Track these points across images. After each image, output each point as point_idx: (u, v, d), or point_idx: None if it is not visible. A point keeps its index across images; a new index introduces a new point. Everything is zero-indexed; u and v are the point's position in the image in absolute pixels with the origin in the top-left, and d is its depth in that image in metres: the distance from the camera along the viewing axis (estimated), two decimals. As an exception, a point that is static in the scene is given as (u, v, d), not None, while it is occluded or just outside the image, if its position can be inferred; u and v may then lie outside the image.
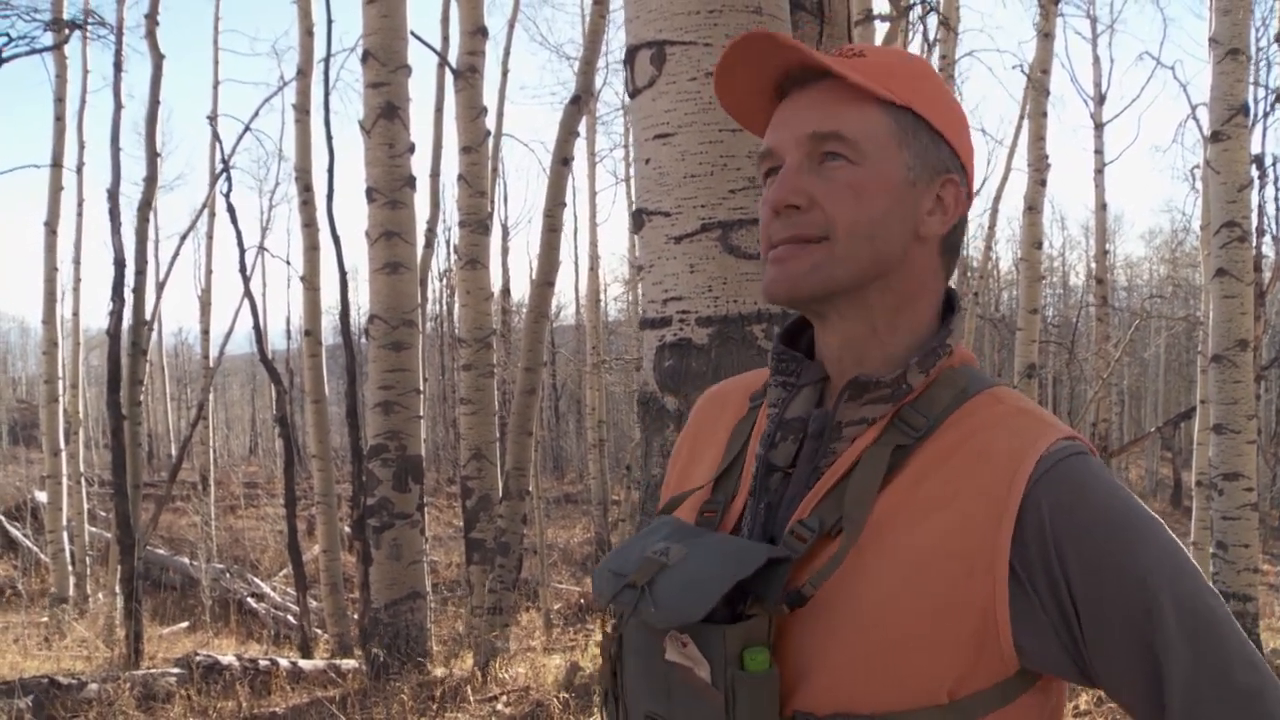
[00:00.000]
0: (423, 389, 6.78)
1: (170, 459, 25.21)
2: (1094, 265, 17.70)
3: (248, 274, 9.86)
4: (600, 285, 18.85)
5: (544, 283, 7.87)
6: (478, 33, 7.94)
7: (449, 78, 9.99)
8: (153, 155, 9.23)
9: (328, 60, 8.97)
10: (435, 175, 12.33)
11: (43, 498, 13.79)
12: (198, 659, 6.46)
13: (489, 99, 8.71)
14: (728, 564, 0.92)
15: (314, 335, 10.19)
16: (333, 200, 8.58)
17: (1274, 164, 10.84)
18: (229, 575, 13.17)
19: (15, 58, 8.31)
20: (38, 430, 24.11)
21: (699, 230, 2.15)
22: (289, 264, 24.18)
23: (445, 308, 25.13)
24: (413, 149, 6.73)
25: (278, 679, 6.47)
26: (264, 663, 6.70)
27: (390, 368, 6.54)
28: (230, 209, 9.45)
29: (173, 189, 29.80)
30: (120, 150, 8.85)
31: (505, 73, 14.90)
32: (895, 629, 0.90)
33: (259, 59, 56.03)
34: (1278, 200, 12.35)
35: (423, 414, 6.74)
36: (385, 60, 6.52)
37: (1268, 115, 11.31)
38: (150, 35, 8.98)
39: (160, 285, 13.02)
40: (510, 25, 14.78)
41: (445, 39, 12.13)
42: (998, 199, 15.32)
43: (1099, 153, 15.80)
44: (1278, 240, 10.65)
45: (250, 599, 12.69)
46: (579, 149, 12.48)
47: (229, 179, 9.54)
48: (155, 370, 25.83)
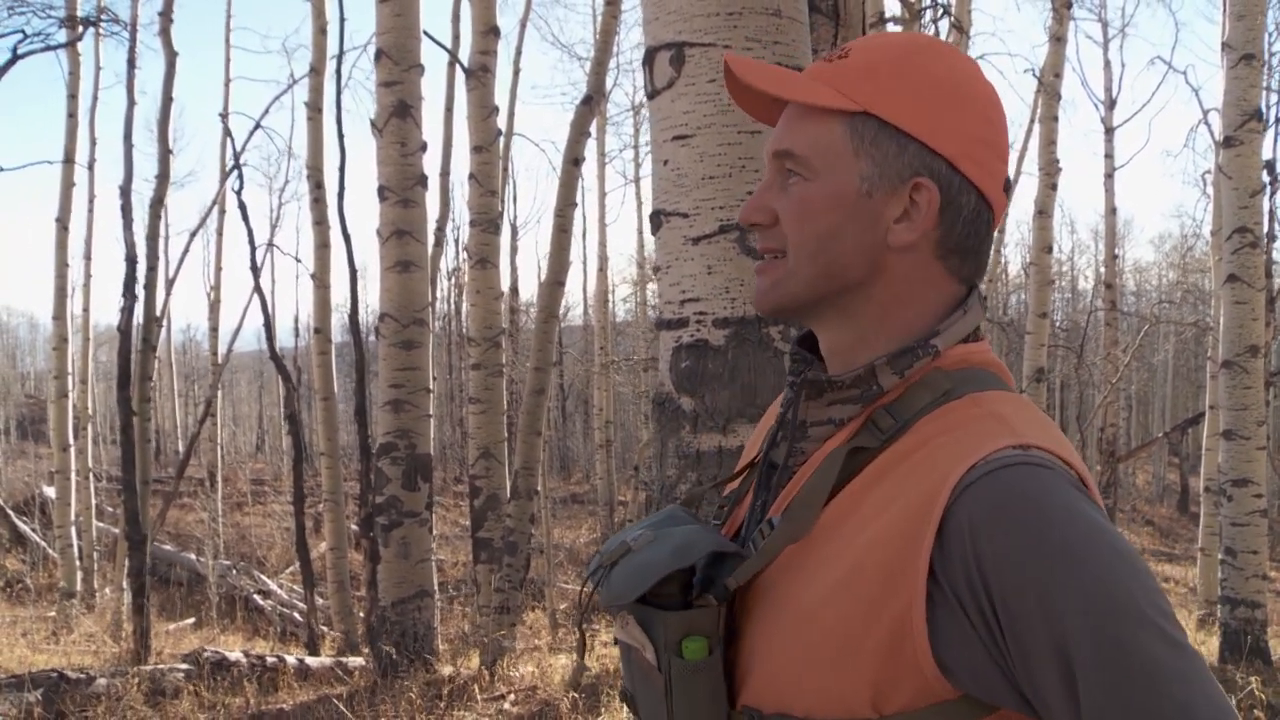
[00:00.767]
0: (432, 388, 6.79)
1: (177, 455, 25.27)
2: (1103, 270, 17.67)
3: (258, 271, 9.88)
4: (609, 286, 18.88)
5: (554, 282, 7.87)
6: (490, 32, 7.96)
7: (459, 76, 10.00)
8: (165, 152, 9.26)
9: (340, 58, 8.98)
10: (445, 174, 12.37)
11: (51, 493, 13.83)
12: (206, 655, 6.48)
13: (500, 98, 8.73)
14: (673, 553, 0.95)
15: (324, 333, 10.21)
16: (344, 198, 8.60)
17: (1286, 170, 10.81)
18: (235, 572, 13.20)
19: (30, 54, 8.35)
20: (46, 425, 24.16)
21: (717, 231, 2.16)
22: (299, 261, 24.24)
23: (453, 307, 25.16)
24: (425, 148, 6.74)
25: (285, 676, 6.49)
26: (271, 659, 6.71)
27: (400, 366, 6.55)
28: (242, 206, 9.47)
29: (183, 186, 29.96)
30: (133, 147, 8.87)
31: (517, 72, 14.94)
32: (822, 632, 0.89)
33: (270, 56, 56.17)
34: (1289, 206, 12.27)
35: (432, 413, 6.74)
36: (398, 59, 6.53)
37: (1279, 121, 11.30)
38: (164, 32, 9.01)
39: (170, 282, 13.04)
40: (522, 25, 14.82)
41: (456, 37, 12.16)
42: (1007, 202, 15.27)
43: (1109, 157, 15.78)
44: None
45: (256, 596, 12.71)
46: (589, 150, 12.48)
47: (240, 176, 9.56)
48: (163, 367, 25.88)
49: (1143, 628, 0.77)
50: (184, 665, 6.43)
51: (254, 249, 9.83)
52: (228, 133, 12.93)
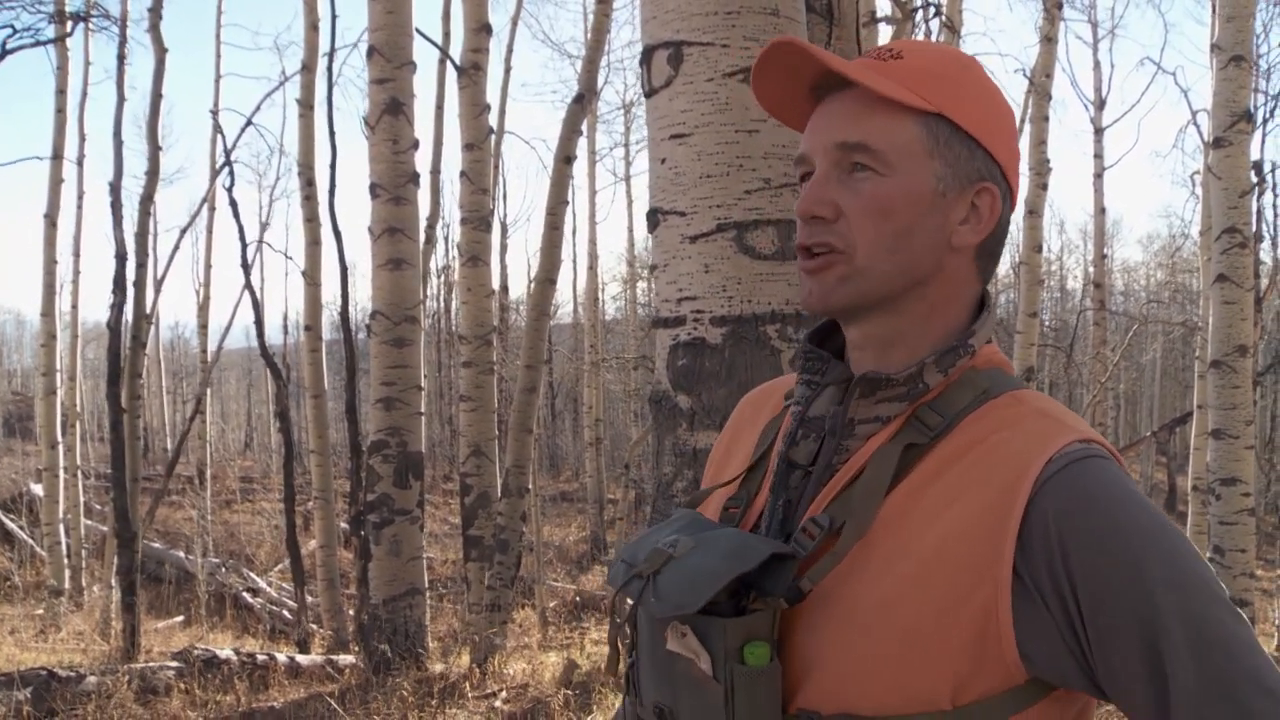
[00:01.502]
0: (423, 385, 6.78)
1: (166, 453, 25.20)
2: (1092, 269, 17.72)
3: (249, 268, 9.85)
4: (599, 284, 18.86)
5: (546, 280, 7.88)
6: (482, 29, 7.94)
7: (450, 74, 9.99)
8: (154, 149, 9.22)
9: (331, 55, 8.98)
10: (436, 172, 12.34)
11: (39, 490, 13.78)
12: (196, 653, 6.46)
13: (491, 96, 8.71)
14: (731, 558, 0.92)
15: (314, 330, 10.19)
16: (334, 195, 8.58)
17: (1273, 170, 10.88)
18: (225, 570, 13.16)
19: (19, 49, 8.30)
20: (33, 423, 24.05)
21: (714, 230, 2.17)
22: (289, 258, 24.16)
23: (443, 304, 25.12)
24: (416, 145, 6.73)
25: (276, 674, 6.47)
26: (262, 657, 6.70)
27: (392, 364, 6.54)
28: (233, 203, 9.45)
29: (172, 182, 29.90)
30: (123, 143, 8.84)
31: (508, 70, 14.90)
32: (897, 630, 0.89)
33: (261, 53, 56.01)
34: (1276, 207, 12.36)
35: (424, 410, 6.74)
36: (390, 56, 6.52)
37: (1267, 121, 11.35)
38: (154, 28, 8.98)
39: (160, 279, 13.00)
40: (513, 22, 14.77)
41: (447, 35, 12.13)
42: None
43: (1098, 157, 15.81)
44: (1277, 245, 10.68)
45: (246, 594, 12.68)
46: (579, 148, 12.49)
47: (231, 173, 9.54)
48: (152, 364, 25.79)
49: (1216, 602, 0.85)
50: (174, 663, 6.41)
51: (244, 246, 9.82)
52: (218, 129, 12.88)
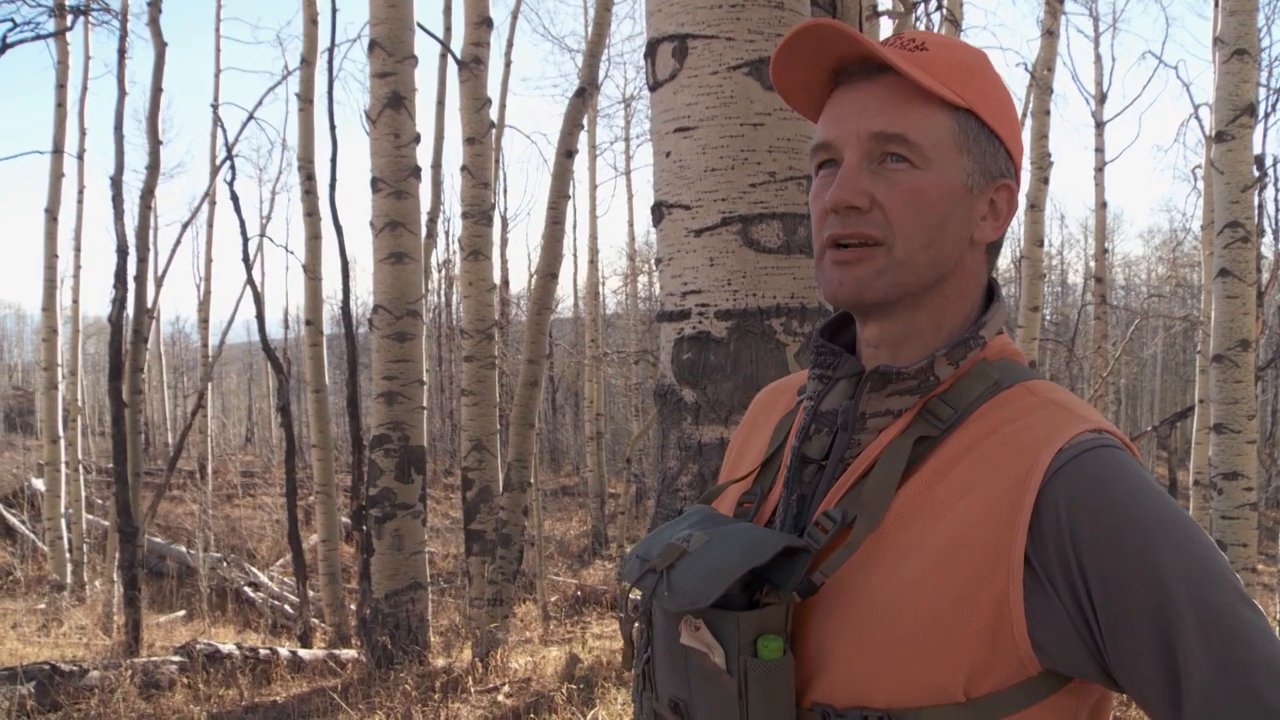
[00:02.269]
0: (425, 380, 6.78)
1: (167, 447, 25.23)
2: (1093, 264, 17.71)
3: (250, 263, 9.84)
4: (599, 278, 18.85)
5: (547, 274, 7.87)
6: (483, 24, 7.93)
7: (452, 68, 9.98)
8: (155, 143, 9.22)
9: (332, 50, 8.97)
10: (437, 166, 12.34)
11: (40, 485, 13.78)
12: (198, 647, 6.47)
13: (492, 90, 8.70)
14: (744, 552, 0.92)
15: (315, 324, 10.18)
16: (335, 190, 8.58)
17: (1275, 164, 10.87)
18: (226, 564, 13.17)
19: (20, 43, 8.29)
20: (34, 417, 24.05)
21: (719, 224, 2.16)
22: (291, 253, 24.17)
23: (444, 299, 25.11)
24: (418, 139, 6.72)
25: (278, 668, 6.48)
26: (264, 652, 6.71)
27: (394, 358, 6.54)
28: (234, 197, 9.44)
29: (173, 177, 29.91)
30: (123, 138, 8.83)
31: (508, 64, 14.89)
32: (910, 622, 0.89)
33: (262, 47, 55.84)
34: (1278, 201, 12.33)
35: (425, 405, 6.73)
36: (392, 50, 6.51)
37: (1269, 115, 11.34)
38: (153, 22, 8.97)
39: (161, 274, 13.00)
40: (514, 16, 14.75)
41: (448, 29, 12.12)
42: (999, 196, 15.28)
43: (1099, 151, 15.79)
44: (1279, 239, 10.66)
45: (247, 588, 12.68)
46: (580, 142, 12.48)
47: (232, 167, 9.53)
48: (153, 359, 25.79)
49: (1231, 592, 0.85)
50: (176, 657, 6.42)
51: (245, 241, 9.81)
52: (219, 124, 12.86)
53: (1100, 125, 15.89)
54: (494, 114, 10.00)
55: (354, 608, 9.29)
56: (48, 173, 11.51)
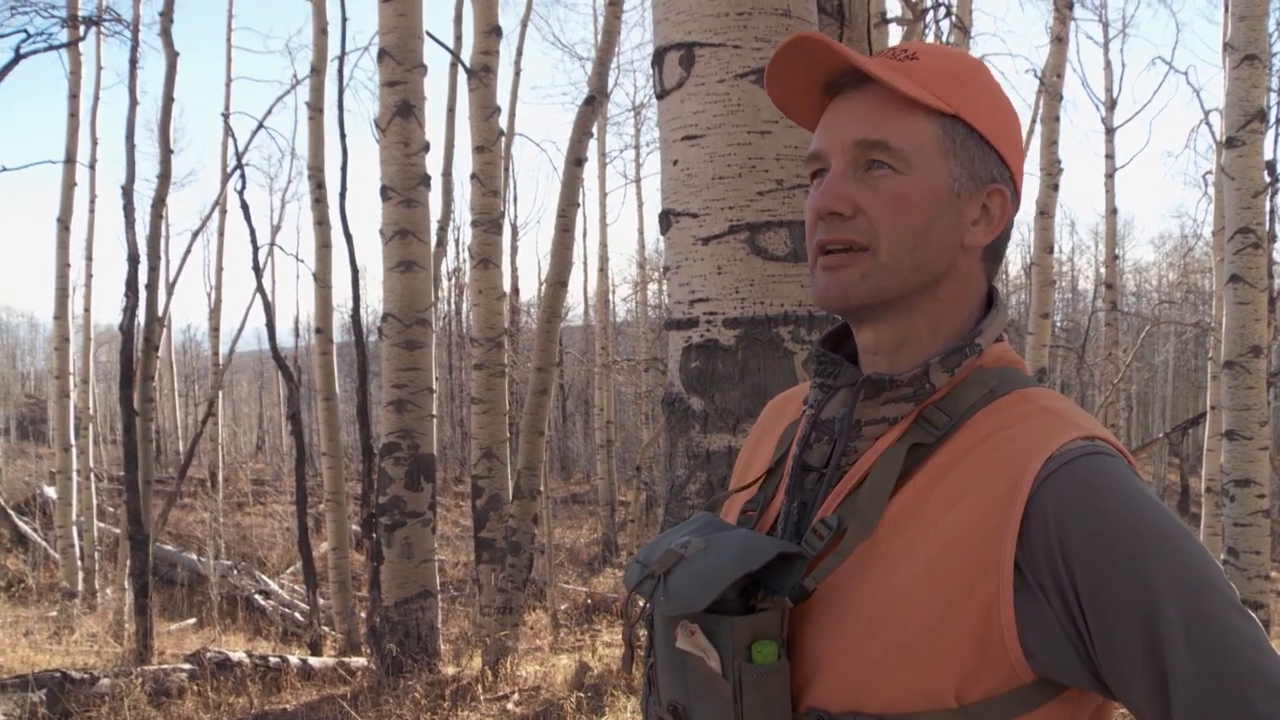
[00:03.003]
0: (434, 388, 6.79)
1: (178, 455, 25.28)
2: (1104, 270, 17.65)
3: (260, 271, 9.88)
4: (609, 286, 18.86)
5: (557, 282, 7.87)
6: (492, 32, 7.95)
7: (461, 77, 10.00)
8: (167, 152, 9.26)
9: (342, 58, 9.00)
10: (447, 174, 12.36)
11: (52, 493, 13.83)
12: (209, 655, 6.47)
13: (502, 98, 8.73)
14: (739, 557, 0.93)
15: (325, 333, 10.21)
16: (345, 198, 8.61)
17: (1287, 170, 10.80)
18: (237, 572, 13.19)
19: (33, 54, 8.34)
20: (46, 425, 24.13)
21: (727, 232, 2.16)
22: (301, 261, 24.27)
23: (454, 307, 25.16)
24: (427, 148, 6.74)
25: (288, 676, 6.49)
26: (274, 660, 6.71)
27: (403, 366, 6.55)
28: (244, 206, 9.47)
29: (184, 185, 29.97)
30: (134, 147, 8.87)
31: (518, 72, 14.94)
32: (902, 628, 0.90)
33: (272, 56, 55.90)
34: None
35: (435, 413, 6.74)
36: (401, 59, 6.53)
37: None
38: (165, 32, 9.01)
39: (172, 282, 13.05)
40: (523, 25, 14.84)
41: (458, 38, 12.15)
42: (1009, 203, 15.27)
43: (1110, 157, 15.76)
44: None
45: (258, 596, 12.70)
46: (589, 150, 12.46)
47: (243, 176, 9.57)
48: (163, 367, 25.86)
49: (1221, 600, 0.84)
50: (187, 665, 6.43)
51: (256, 249, 9.84)
52: (230, 133, 12.93)
53: (1110, 131, 15.86)
54: (504, 122, 10.03)
55: (364, 616, 9.30)
56: (60, 182, 11.58)
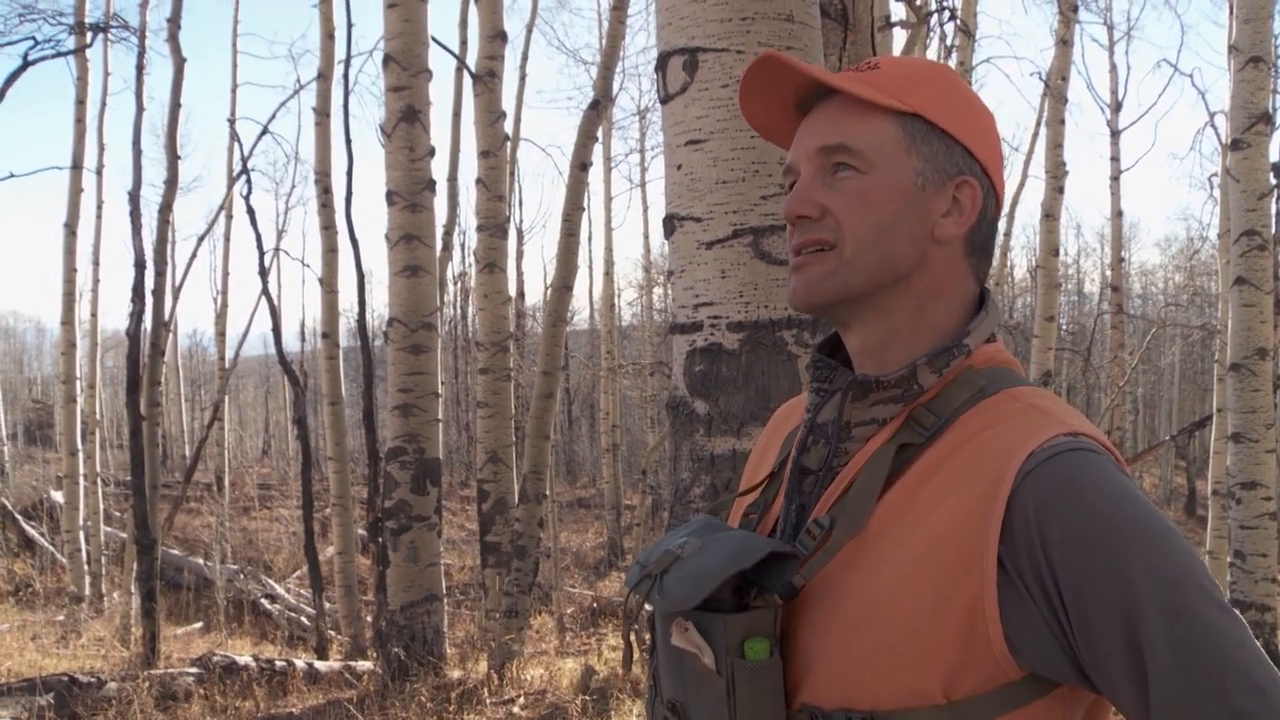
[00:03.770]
0: (440, 392, 6.81)
1: (184, 460, 25.31)
2: (1109, 273, 17.63)
3: (266, 276, 9.90)
4: (615, 290, 18.87)
5: (562, 287, 7.89)
6: (497, 37, 7.97)
7: (467, 81, 10.02)
8: (173, 158, 9.29)
9: (347, 63, 9.02)
10: (453, 179, 12.38)
11: (59, 497, 13.87)
12: (215, 659, 6.49)
13: (507, 103, 8.74)
14: (731, 556, 0.96)
15: (331, 337, 10.23)
16: (351, 203, 8.62)
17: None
18: (243, 576, 13.21)
19: (41, 60, 8.37)
20: (53, 430, 24.22)
21: (730, 236, 2.17)
22: (306, 266, 24.28)
23: (459, 311, 25.19)
24: (433, 152, 6.75)
25: (294, 680, 6.50)
26: (280, 663, 6.73)
27: (409, 370, 6.56)
28: (250, 211, 9.49)
29: (190, 191, 30.09)
30: (141, 153, 8.90)
31: (523, 77, 14.98)
32: (890, 626, 0.92)
33: (277, 62, 56.24)
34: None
35: (441, 417, 6.75)
36: (406, 64, 6.55)
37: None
38: (172, 39, 9.05)
39: (178, 287, 13.08)
40: (528, 30, 14.83)
41: (463, 43, 12.18)
42: (1014, 206, 15.34)
43: (1115, 160, 15.74)
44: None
45: (264, 600, 12.72)
46: (595, 154, 12.49)
47: (248, 181, 9.59)
48: (170, 372, 25.94)
49: (1202, 596, 0.84)
50: (193, 669, 6.45)
51: (261, 254, 9.86)
52: (235, 138, 12.95)
53: (1116, 134, 15.84)
54: (509, 127, 10.04)
55: (370, 619, 9.31)
56: (67, 188, 11.62)
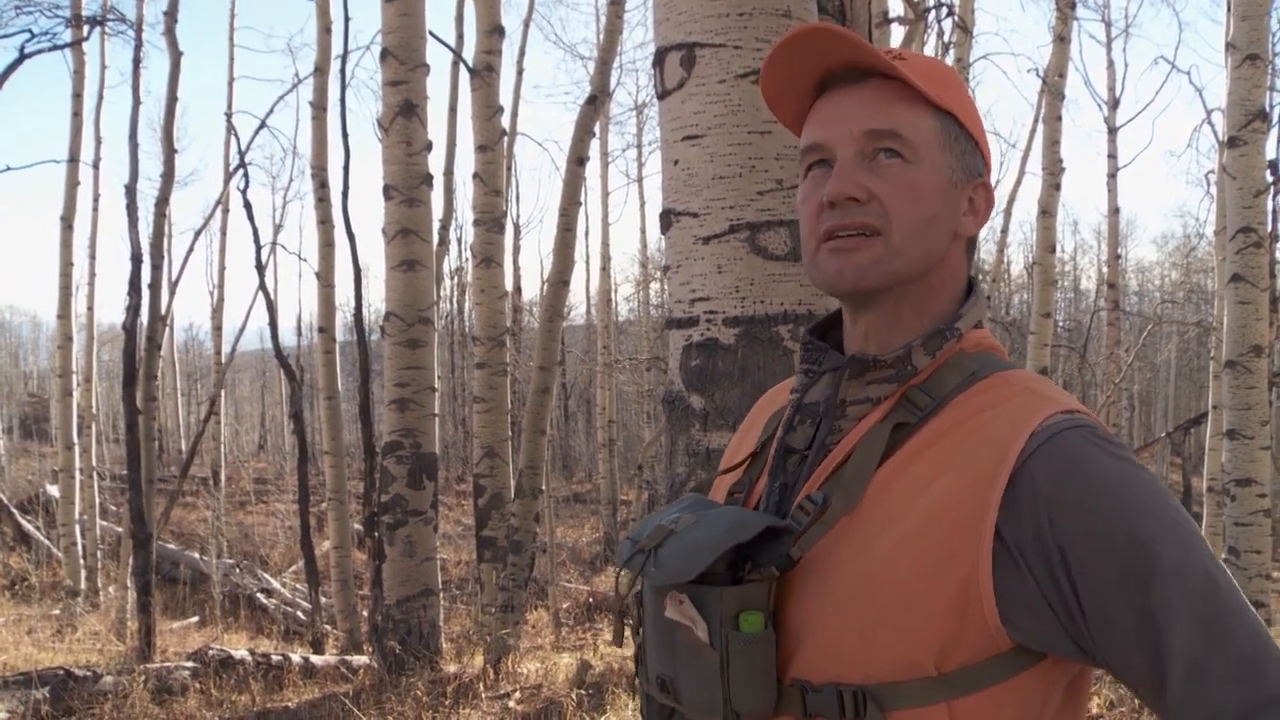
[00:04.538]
0: (437, 387, 6.80)
1: (180, 454, 25.31)
2: (1106, 270, 17.64)
3: (263, 270, 9.89)
4: (611, 285, 18.87)
5: (559, 282, 7.89)
6: (494, 32, 7.97)
7: (463, 76, 10.01)
8: (170, 151, 9.26)
9: (344, 58, 9.01)
10: (449, 173, 12.35)
11: (55, 491, 13.86)
12: (211, 653, 6.49)
13: (504, 98, 8.73)
14: (728, 529, 0.97)
15: (328, 332, 10.22)
16: (348, 197, 8.61)
17: (1289, 170, 10.80)
18: (239, 570, 13.21)
19: (37, 53, 8.35)
20: (49, 424, 24.17)
21: (727, 231, 2.17)
22: (303, 260, 24.25)
23: (456, 306, 25.17)
24: (430, 147, 6.75)
25: (290, 674, 6.50)
26: (276, 658, 6.73)
27: (406, 365, 6.56)
28: (247, 205, 9.49)
29: (187, 184, 30.00)
30: (138, 146, 8.88)
31: (520, 72, 14.92)
32: (882, 597, 0.93)
33: (274, 56, 56.08)
34: (1292, 206, 12.26)
35: (437, 412, 6.75)
36: (404, 58, 6.54)
37: (1283, 121, 11.27)
38: (169, 32, 9.02)
39: (174, 281, 13.07)
40: (525, 24, 14.83)
41: (460, 37, 12.15)
42: (1011, 202, 15.32)
43: (1112, 157, 15.76)
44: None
45: (260, 594, 12.72)
46: (592, 149, 12.45)
47: (245, 175, 9.58)
48: (166, 366, 25.87)
49: (1200, 549, 0.88)
50: (189, 663, 6.44)
51: (258, 248, 9.86)
52: (232, 132, 12.94)
53: (1113, 131, 15.86)
54: (506, 121, 10.04)
55: (366, 614, 9.32)
56: (63, 181, 11.62)
